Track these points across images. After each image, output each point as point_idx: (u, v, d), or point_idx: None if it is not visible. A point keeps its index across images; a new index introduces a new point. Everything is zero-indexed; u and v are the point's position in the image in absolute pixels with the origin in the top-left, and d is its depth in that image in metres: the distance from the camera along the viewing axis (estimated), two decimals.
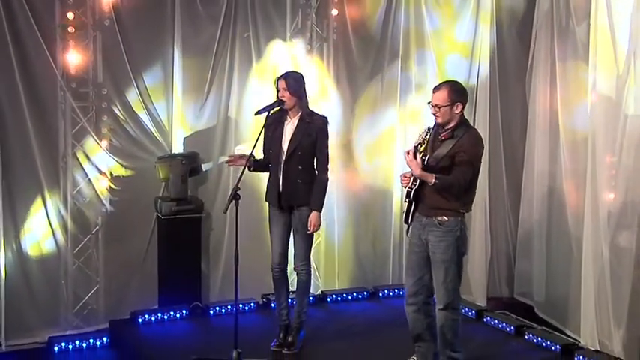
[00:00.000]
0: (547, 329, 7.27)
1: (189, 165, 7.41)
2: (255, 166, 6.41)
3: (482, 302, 7.94)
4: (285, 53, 7.74)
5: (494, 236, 8.24)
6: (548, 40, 7.77)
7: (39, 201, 7.05)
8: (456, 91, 5.76)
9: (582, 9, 7.28)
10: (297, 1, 7.83)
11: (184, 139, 7.58)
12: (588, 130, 7.09)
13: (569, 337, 7.11)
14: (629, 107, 6.71)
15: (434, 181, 5.58)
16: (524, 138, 8.15)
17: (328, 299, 7.77)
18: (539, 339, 6.82)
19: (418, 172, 5.61)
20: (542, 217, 7.92)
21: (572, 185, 7.47)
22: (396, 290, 7.90)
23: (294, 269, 6.60)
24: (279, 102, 6.33)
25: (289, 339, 6.56)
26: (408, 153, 5.62)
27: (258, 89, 7.65)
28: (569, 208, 7.52)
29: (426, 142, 5.67)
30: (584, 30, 7.25)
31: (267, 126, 6.35)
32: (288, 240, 6.56)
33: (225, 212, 6.11)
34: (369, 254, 8.23)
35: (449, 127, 5.75)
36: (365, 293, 7.93)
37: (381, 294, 7.92)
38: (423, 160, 5.65)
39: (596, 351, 6.69)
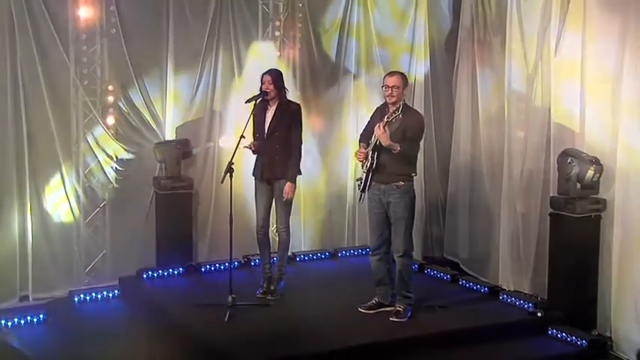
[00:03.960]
0: None
1: (182, 149, 7.68)
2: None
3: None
4: (260, 57, 7.98)
5: (427, 206, 8.58)
6: (469, 49, 8.24)
7: (58, 178, 7.28)
8: (405, 78, 6.35)
9: (497, 25, 7.86)
10: (268, 15, 8.10)
11: (176, 128, 7.81)
12: (503, 118, 7.63)
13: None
14: (536, 100, 7.32)
15: (399, 148, 6.04)
16: (451, 125, 8.53)
17: (297, 259, 8.06)
18: (471, 284, 7.33)
19: (387, 142, 6.05)
20: (465, 189, 8.33)
21: (489, 164, 7.96)
22: (352, 251, 8.27)
23: (276, 231, 6.96)
24: (264, 93, 6.68)
25: (272, 288, 6.88)
26: (379, 127, 6.05)
27: (238, 86, 7.91)
28: (487, 181, 8.00)
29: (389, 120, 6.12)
30: (498, 41, 7.81)
31: (255, 114, 6.72)
32: (270, 207, 6.88)
33: (222, 182, 6.42)
34: (327, 223, 8.52)
35: (396, 106, 6.18)
36: (327, 254, 8.24)
37: (340, 254, 8.25)
38: None
39: (516, 291, 7.26)
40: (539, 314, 6.58)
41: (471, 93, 8.24)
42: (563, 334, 6.35)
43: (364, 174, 6.31)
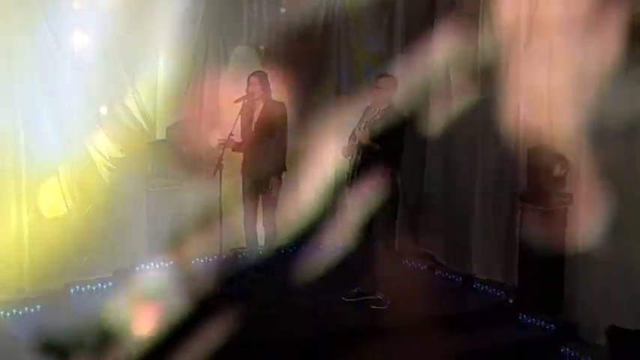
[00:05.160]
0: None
1: (172, 148, 7.73)
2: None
3: None
4: (245, 59, 8.07)
5: (403, 198, 8.37)
6: (444, 43, 7.95)
7: (54, 176, 7.31)
8: (393, 81, 6.53)
9: (469, 29, 7.92)
10: (252, 18, 8.20)
11: (167, 128, 7.88)
12: (475, 111, 7.67)
13: None
14: (507, 95, 7.27)
15: (377, 148, 6.15)
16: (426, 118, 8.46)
17: (282, 251, 7.96)
18: (446, 274, 7.48)
19: (366, 141, 6.16)
20: (440, 181, 8.34)
21: (463, 157, 7.99)
22: (334, 244, 8.18)
23: (263, 225, 7.06)
24: (251, 94, 6.79)
25: (259, 279, 6.99)
26: (359, 127, 6.16)
27: (225, 87, 7.90)
28: (461, 174, 8.03)
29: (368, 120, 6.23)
30: (471, 37, 7.76)
31: (242, 114, 6.82)
32: (257, 203, 7.03)
33: (213, 175, 6.52)
34: (309, 217, 8.34)
35: (382, 108, 6.27)
36: (310, 246, 8.14)
37: (323, 247, 8.20)
38: None
39: (488, 280, 7.41)
40: (510, 301, 6.73)
41: (445, 86, 8.17)
42: (533, 319, 6.50)
43: (350, 169, 6.41)
